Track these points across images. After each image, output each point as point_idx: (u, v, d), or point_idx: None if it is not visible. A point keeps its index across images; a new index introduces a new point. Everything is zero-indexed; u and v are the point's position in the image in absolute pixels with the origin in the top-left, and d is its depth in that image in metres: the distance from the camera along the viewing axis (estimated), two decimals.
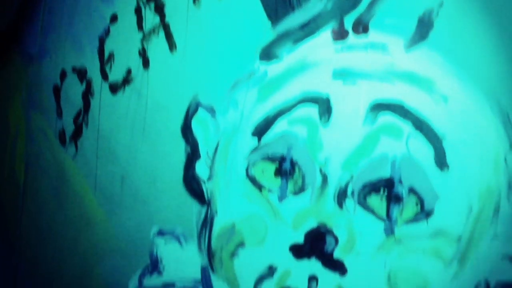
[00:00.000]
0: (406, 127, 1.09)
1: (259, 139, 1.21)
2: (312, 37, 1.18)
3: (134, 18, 1.39)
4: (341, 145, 1.14)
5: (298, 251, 1.17)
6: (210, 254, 1.27)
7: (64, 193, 1.51)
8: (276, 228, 1.19)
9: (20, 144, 1.60)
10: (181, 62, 1.32)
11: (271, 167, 1.20)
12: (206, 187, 1.29)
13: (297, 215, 1.17)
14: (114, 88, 1.41)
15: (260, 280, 1.20)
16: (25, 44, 1.61)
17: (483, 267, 1.07)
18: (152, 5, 1.36)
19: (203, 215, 1.29)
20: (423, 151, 1.08)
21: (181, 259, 1.33)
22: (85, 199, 1.47)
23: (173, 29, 1.34)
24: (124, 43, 1.41)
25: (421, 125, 1.08)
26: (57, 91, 1.52)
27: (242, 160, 1.23)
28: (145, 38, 1.37)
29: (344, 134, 1.14)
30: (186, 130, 1.31)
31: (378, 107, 1.11)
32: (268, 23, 1.22)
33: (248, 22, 1.25)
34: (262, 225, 1.20)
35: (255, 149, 1.21)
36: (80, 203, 1.48)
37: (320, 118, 1.15)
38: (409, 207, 1.09)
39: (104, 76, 1.43)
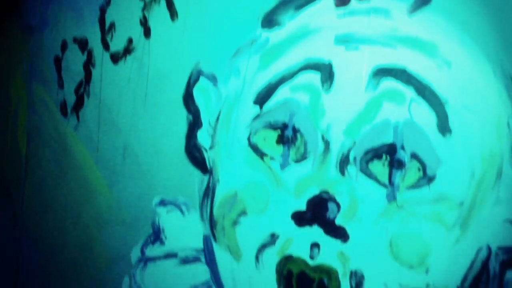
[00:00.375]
0: (409, 92, 1.09)
1: (261, 107, 1.21)
2: (314, 3, 1.17)
3: None
4: (343, 112, 1.13)
5: (300, 219, 1.17)
6: (212, 223, 1.27)
7: (66, 164, 1.51)
8: (278, 196, 1.19)
9: (22, 115, 1.60)
10: (183, 30, 1.32)
11: (273, 135, 1.19)
12: (208, 156, 1.28)
13: (299, 183, 1.17)
14: (115, 58, 1.41)
15: (262, 248, 1.20)
16: (25, 15, 1.61)
17: (485, 232, 1.07)
18: None
19: (205, 184, 1.29)
20: (425, 116, 1.08)
21: (183, 228, 1.33)
22: (87, 169, 1.47)
23: None
24: (125, 13, 1.40)
25: (423, 90, 1.08)
26: (58, 62, 1.52)
27: (244, 128, 1.23)
28: (146, 7, 1.36)
29: (346, 101, 1.13)
30: (188, 99, 1.31)
31: (381, 72, 1.10)
32: None
33: None
34: (264, 193, 1.20)
35: (257, 117, 1.21)
36: (82, 174, 1.48)
37: (322, 85, 1.15)
38: (412, 172, 1.09)
39: (105, 46, 1.43)
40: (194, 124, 1.29)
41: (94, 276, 1.46)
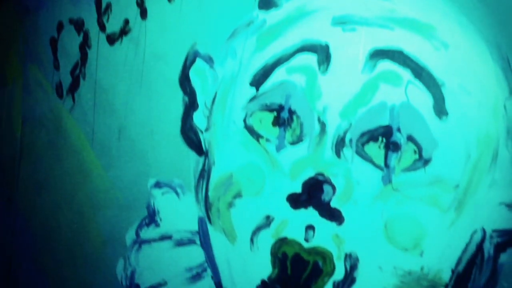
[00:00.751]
0: (406, 74, 1.08)
1: (257, 89, 1.20)
2: None
3: None
4: (339, 93, 1.13)
5: (296, 201, 1.17)
6: (207, 205, 1.27)
7: (61, 146, 1.51)
8: (273, 178, 1.19)
9: (17, 97, 1.59)
10: (179, 11, 1.31)
11: (269, 117, 1.19)
12: (204, 138, 1.28)
13: (295, 165, 1.17)
14: (112, 39, 1.40)
15: (257, 230, 1.20)
16: None
17: (480, 215, 1.07)
18: None
19: (200, 166, 1.29)
20: (422, 98, 1.08)
21: (178, 210, 1.33)
22: (82, 151, 1.47)
23: None
24: None
25: (420, 72, 1.08)
26: (54, 43, 1.51)
27: (240, 110, 1.22)
28: None
29: (343, 82, 1.13)
30: (184, 80, 1.30)
31: (378, 54, 1.10)
32: None
33: None
34: (260, 175, 1.20)
35: (253, 99, 1.21)
36: (78, 156, 1.47)
37: (319, 66, 1.14)
38: (407, 155, 1.09)
39: (102, 27, 1.42)
40: (190, 105, 1.29)
41: (88, 258, 1.46)
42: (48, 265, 1.55)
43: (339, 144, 1.13)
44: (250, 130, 1.21)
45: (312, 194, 1.15)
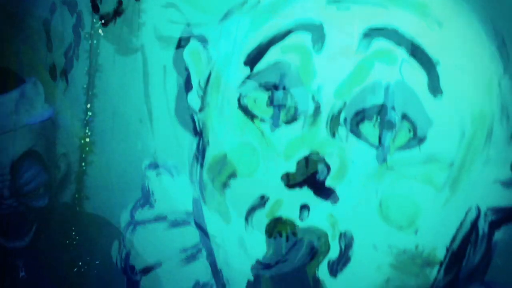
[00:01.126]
0: (400, 52, 1.08)
1: (252, 68, 1.20)
2: None
3: None
4: (334, 72, 1.13)
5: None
6: (202, 186, 1.27)
7: (55, 128, 1.50)
8: (268, 158, 1.19)
9: (10, 78, 1.59)
10: None
11: (264, 96, 1.19)
12: (198, 118, 1.28)
13: (289, 144, 1.17)
14: (105, 20, 1.39)
15: (251, 210, 1.20)
16: None
17: (475, 192, 1.07)
18: None
19: (194, 147, 1.28)
20: (417, 76, 1.07)
21: (173, 191, 1.33)
22: (76, 133, 1.46)
23: None
24: None
25: (415, 51, 1.07)
26: (47, 24, 1.50)
27: (234, 90, 1.22)
28: None
29: (337, 61, 1.12)
30: (178, 61, 1.30)
31: (372, 33, 1.10)
32: None
33: None
34: (254, 155, 1.20)
35: (247, 79, 1.20)
36: (71, 138, 1.47)
37: (314, 46, 1.14)
38: (402, 133, 1.09)
39: (95, 8, 1.41)
40: (184, 86, 1.29)
41: (83, 240, 1.46)
42: (42, 247, 1.55)
43: (334, 123, 1.13)
44: (245, 110, 1.21)
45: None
